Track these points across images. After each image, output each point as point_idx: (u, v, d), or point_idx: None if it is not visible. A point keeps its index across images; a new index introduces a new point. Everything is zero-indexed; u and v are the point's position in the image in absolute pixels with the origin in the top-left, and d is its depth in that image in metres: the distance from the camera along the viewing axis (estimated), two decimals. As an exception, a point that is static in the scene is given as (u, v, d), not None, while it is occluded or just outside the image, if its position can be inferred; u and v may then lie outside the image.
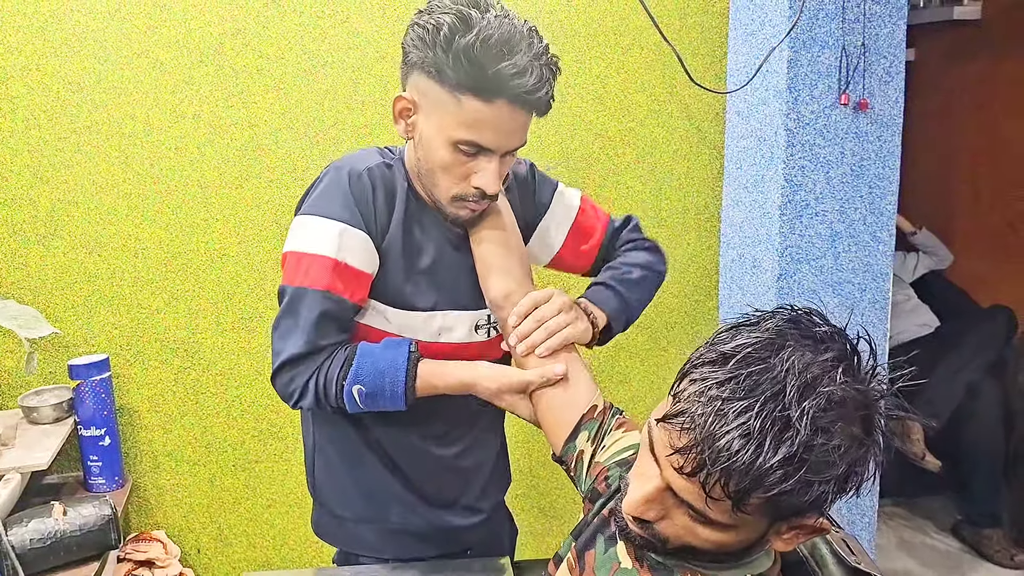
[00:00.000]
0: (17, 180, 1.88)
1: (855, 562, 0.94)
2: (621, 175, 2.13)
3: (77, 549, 1.59)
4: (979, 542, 2.59)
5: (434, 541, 1.32)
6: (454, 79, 1.04)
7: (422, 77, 1.08)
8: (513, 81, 1.03)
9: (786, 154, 1.90)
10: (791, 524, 0.78)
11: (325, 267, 1.10)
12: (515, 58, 1.03)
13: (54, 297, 1.93)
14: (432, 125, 1.09)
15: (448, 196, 1.14)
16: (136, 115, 1.90)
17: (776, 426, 0.69)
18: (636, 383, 2.25)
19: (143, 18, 1.86)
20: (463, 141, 1.08)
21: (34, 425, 1.83)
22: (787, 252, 1.94)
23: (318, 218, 1.13)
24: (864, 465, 0.74)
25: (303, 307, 1.11)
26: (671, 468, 0.75)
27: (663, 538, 0.81)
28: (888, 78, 1.92)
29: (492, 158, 1.10)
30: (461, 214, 1.16)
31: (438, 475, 1.30)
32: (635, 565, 0.87)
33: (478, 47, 1.01)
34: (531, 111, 1.10)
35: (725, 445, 0.70)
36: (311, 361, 1.12)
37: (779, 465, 0.69)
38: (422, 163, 1.14)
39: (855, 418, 0.73)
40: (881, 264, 2.01)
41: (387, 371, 1.11)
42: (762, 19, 1.93)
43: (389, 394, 1.12)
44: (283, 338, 1.13)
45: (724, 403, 0.71)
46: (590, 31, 2.04)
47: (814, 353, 0.73)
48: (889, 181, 1.98)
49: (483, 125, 1.06)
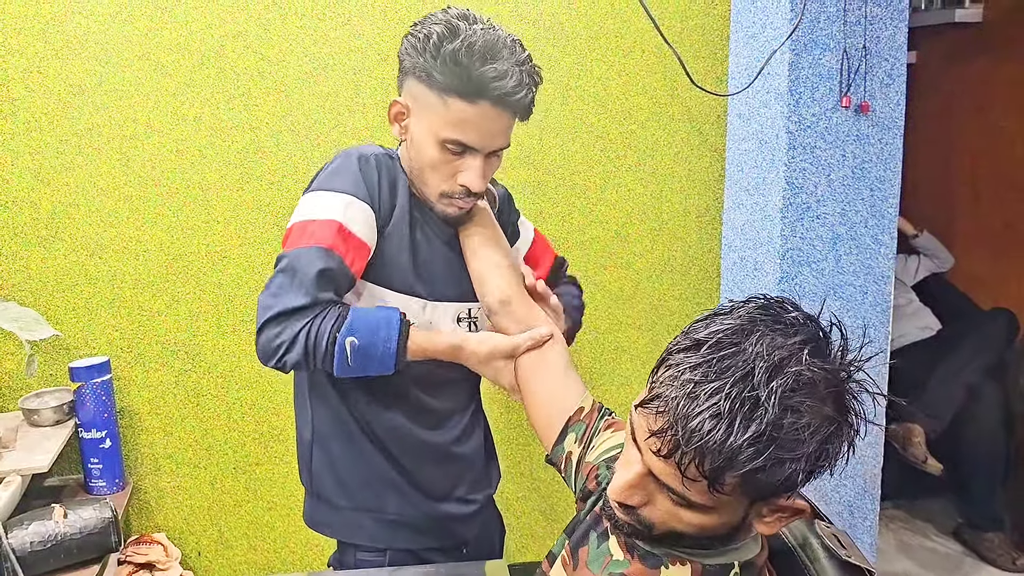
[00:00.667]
0: (18, 182, 1.88)
1: (846, 555, 0.94)
2: (622, 177, 2.13)
3: (78, 552, 1.58)
4: (980, 545, 2.58)
5: (431, 533, 1.36)
6: (442, 82, 1.14)
7: (414, 82, 1.18)
8: (494, 83, 1.13)
9: (787, 157, 1.89)
10: (771, 506, 0.80)
11: (330, 228, 1.14)
12: (497, 63, 1.13)
13: (55, 299, 1.93)
14: (422, 126, 1.19)
15: (437, 193, 1.22)
16: (137, 117, 1.90)
17: (745, 406, 0.72)
18: (637, 385, 2.25)
19: (144, 21, 1.86)
20: (449, 140, 1.17)
21: (35, 427, 1.83)
22: (788, 255, 1.94)
23: (326, 192, 1.18)
24: (835, 443, 0.77)
25: (302, 262, 1.13)
26: (650, 452, 0.78)
27: (648, 523, 0.83)
28: (889, 81, 1.92)
29: (477, 157, 1.19)
30: (449, 212, 1.24)
31: (434, 464, 1.34)
32: (626, 556, 0.89)
33: (463, 52, 1.11)
34: (513, 113, 1.19)
35: (697, 426, 0.73)
36: (305, 313, 1.13)
37: (749, 443, 0.72)
38: (414, 163, 1.23)
39: (825, 397, 0.75)
40: (883, 267, 2.01)
41: (381, 326, 1.15)
42: (763, 21, 1.93)
43: (381, 350, 1.14)
44: (276, 295, 1.14)
45: (696, 386, 0.74)
46: (591, 33, 2.04)
47: (784, 337, 0.76)
48: (891, 184, 1.97)
49: (467, 125, 1.15)
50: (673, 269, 2.20)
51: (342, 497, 1.33)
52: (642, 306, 2.20)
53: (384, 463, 1.31)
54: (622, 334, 2.21)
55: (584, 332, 2.20)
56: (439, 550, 1.38)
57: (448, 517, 1.37)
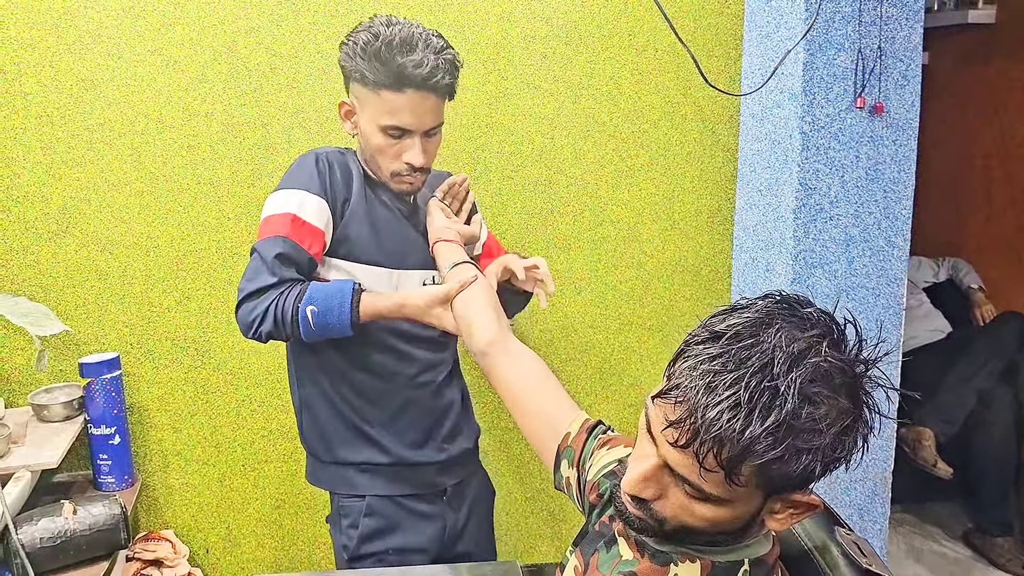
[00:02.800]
0: (29, 177, 1.88)
1: (866, 564, 0.93)
2: (634, 177, 2.12)
3: (87, 548, 1.59)
4: (990, 550, 2.57)
5: (406, 480, 1.53)
6: (373, 79, 1.35)
7: (355, 84, 1.39)
8: (414, 72, 1.33)
9: (801, 157, 1.88)
10: (784, 501, 0.80)
11: (284, 220, 1.37)
12: (414, 54, 1.33)
13: (65, 295, 1.92)
14: (366, 119, 1.40)
15: (388, 173, 1.43)
16: (149, 113, 1.89)
17: (764, 396, 0.73)
18: (647, 386, 2.24)
19: (156, 16, 1.86)
20: (388, 126, 1.38)
21: (44, 423, 1.83)
22: (801, 256, 1.93)
23: (283, 190, 1.40)
24: (850, 435, 0.77)
25: (265, 251, 1.36)
26: (666, 444, 0.79)
27: (660, 518, 0.83)
28: (904, 82, 1.91)
29: (414, 137, 1.40)
30: (403, 188, 1.46)
31: (404, 414, 1.52)
32: (636, 555, 0.89)
33: (384, 50, 1.33)
34: (437, 95, 1.39)
35: (716, 415, 0.73)
36: (272, 291, 1.35)
37: (768, 433, 0.72)
38: (366, 151, 1.44)
39: (840, 389, 0.76)
40: (896, 269, 2.00)
41: (336, 294, 1.35)
42: (778, 21, 1.91)
43: (337, 313, 1.34)
44: (249, 278, 1.37)
45: (715, 376, 0.75)
46: (604, 32, 2.03)
47: (801, 330, 0.77)
48: (904, 186, 1.96)
49: (400, 111, 1.36)
50: (684, 270, 2.19)
51: (326, 453, 1.53)
52: (653, 306, 2.20)
53: (358, 418, 1.50)
54: (632, 334, 2.20)
55: (594, 332, 2.21)
56: (415, 496, 1.54)
57: (421, 465, 1.54)
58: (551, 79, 2.03)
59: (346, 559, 1.53)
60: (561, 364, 2.18)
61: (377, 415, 1.50)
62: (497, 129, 2.03)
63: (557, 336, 2.17)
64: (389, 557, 1.52)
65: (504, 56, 2.00)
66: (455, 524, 1.60)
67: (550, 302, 2.14)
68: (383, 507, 1.52)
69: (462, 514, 1.61)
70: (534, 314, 2.14)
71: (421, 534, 1.54)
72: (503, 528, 2.24)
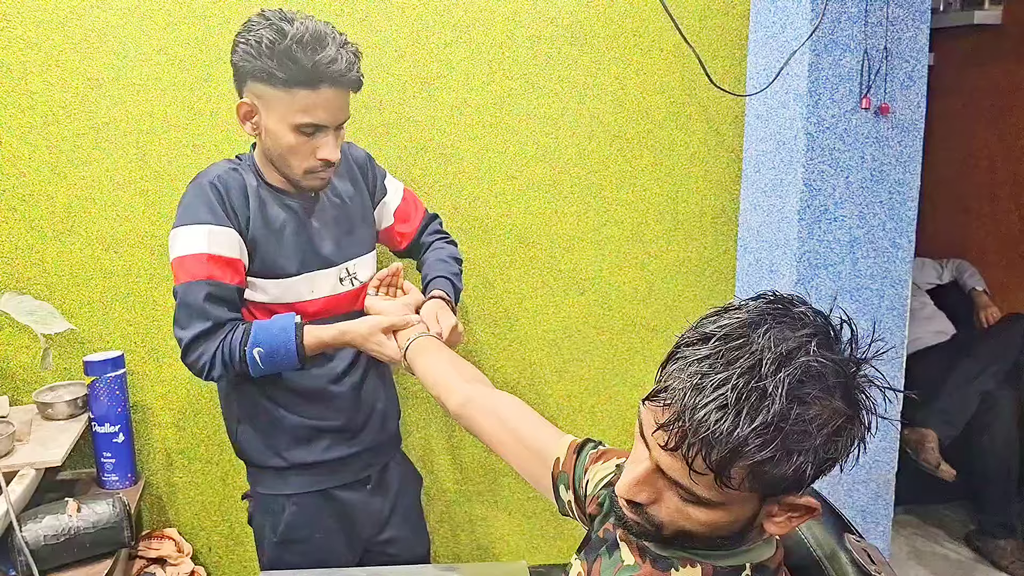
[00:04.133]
0: (35, 176, 1.88)
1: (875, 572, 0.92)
2: (638, 177, 2.12)
3: (91, 546, 1.59)
4: (992, 552, 2.56)
5: (338, 472, 1.58)
6: (283, 78, 1.32)
7: (256, 84, 1.35)
8: (329, 68, 1.32)
9: (806, 158, 1.88)
10: (781, 504, 0.79)
11: (200, 260, 1.37)
12: (326, 50, 1.31)
13: (70, 293, 1.93)
14: (274, 119, 1.36)
15: (301, 171, 1.41)
16: (154, 112, 1.90)
17: (752, 397, 0.72)
18: (650, 387, 2.23)
19: (162, 15, 1.86)
20: (303, 124, 1.35)
21: (48, 421, 1.83)
22: (805, 257, 1.93)
23: (188, 226, 1.39)
24: (843, 436, 0.76)
25: (190, 296, 1.38)
26: (657, 447, 0.78)
27: (657, 522, 0.83)
28: (910, 82, 1.91)
29: (328, 132, 1.39)
30: (315, 184, 1.45)
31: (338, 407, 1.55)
32: (637, 560, 0.89)
33: (295, 48, 1.29)
34: (348, 89, 1.39)
35: (704, 417, 0.73)
36: (213, 336, 1.38)
37: (756, 434, 0.71)
38: (272, 151, 1.41)
39: (833, 389, 0.75)
40: (900, 270, 1.99)
41: (279, 333, 1.38)
42: (783, 21, 1.91)
43: (284, 352, 1.38)
44: (183, 326, 1.39)
45: (703, 378, 0.74)
46: (609, 32, 2.03)
47: (792, 330, 0.76)
48: (910, 187, 1.96)
49: (315, 108, 1.35)
50: (688, 270, 2.19)
51: (262, 460, 1.57)
52: (656, 307, 2.19)
53: (290, 420, 1.53)
54: (636, 335, 2.20)
55: (598, 333, 2.21)
56: (341, 487, 1.59)
57: (351, 456, 1.58)
58: (556, 79, 2.03)
59: (275, 542, 1.58)
60: (564, 364, 2.18)
61: (309, 413, 1.54)
62: (502, 129, 2.03)
63: (561, 336, 2.17)
64: (318, 539, 1.58)
65: (509, 56, 2.00)
66: (380, 510, 1.65)
67: (548, 303, 2.14)
68: (309, 498, 1.57)
69: (387, 502, 1.66)
70: (538, 314, 2.14)
71: (347, 521, 1.61)
72: (507, 528, 2.25)
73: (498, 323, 2.12)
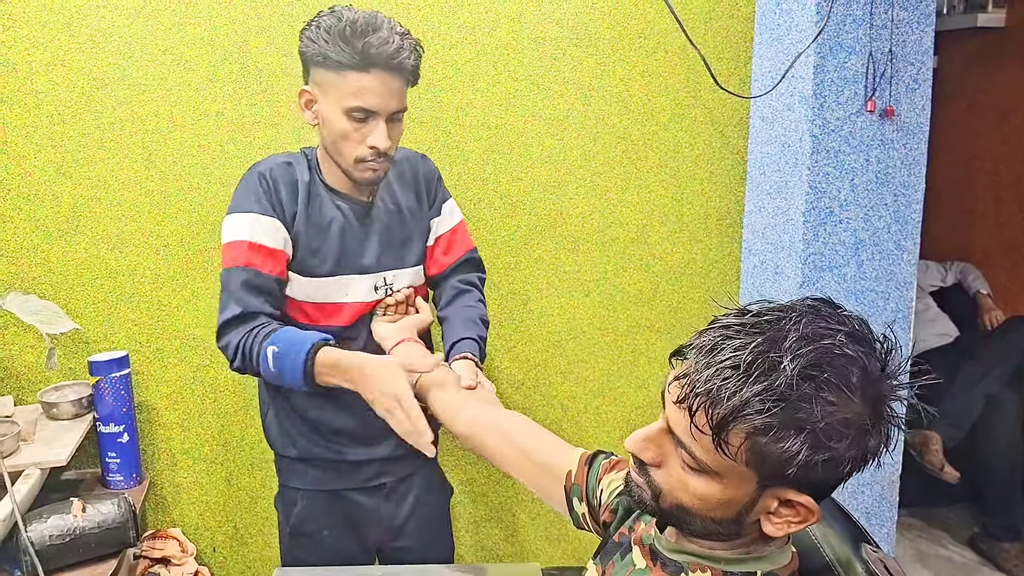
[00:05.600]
0: (40, 175, 1.88)
1: None
2: (643, 179, 2.12)
3: (96, 546, 1.59)
4: (996, 555, 2.56)
5: (350, 476, 1.58)
6: (336, 60, 1.33)
7: (316, 69, 1.37)
8: (379, 50, 1.32)
9: (811, 160, 1.88)
10: (780, 498, 0.79)
11: (242, 248, 1.40)
12: (379, 33, 1.32)
13: (75, 293, 1.93)
14: (329, 104, 1.38)
15: (352, 160, 1.40)
16: (160, 112, 1.90)
17: (765, 365, 0.74)
18: (655, 389, 2.24)
19: (168, 15, 1.86)
20: (353, 108, 1.35)
21: (53, 421, 1.83)
22: (810, 259, 1.93)
23: (235, 214, 1.43)
24: (852, 432, 0.75)
25: (231, 282, 1.40)
26: (670, 402, 0.81)
27: (657, 488, 0.84)
28: (915, 85, 1.91)
29: (379, 120, 1.37)
30: (367, 176, 1.43)
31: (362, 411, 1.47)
32: (648, 563, 0.90)
33: (348, 29, 1.31)
34: (402, 77, 1.37)
35: (714, 374, 0.75)
36: (242, 325, 1.38)
37: (760, 398, 0.73)
38: (327, 139, 1.42)
39: (854, 388, 0.75)
40: (905, 273, 1.99)
41: (298, 341, 1.35)
42: (788, 24, 1.91)
43: (292, 362, 1.33)
44: (221, 310, 1.41)
45: (725, 339, 0.77)
46: (614, 34, 2.03)
47: (826, 322, 0.78)
48: (915, 189, 1.96)
49: (365, 91, 1.34)
50: (693, 272, 2.19)
51: (285, 450, 1.59)
52: (661, 308, 2.19)
53: (313, 416, 1.54)
54: (640, 336, 2.20)
55: (602, 334, 2.21)
56: (355, 489, 1.60)
57: (366, 462, 1.58)
58: (561, 81, 2.03)
59: (288, 532, 1.61)
60: (569, 366, 2.18)
61: (329, 409, 1.53)
62: (507, 130, 2.03)
63: (565, 338, 2.17)
64: (326, 537, 1.58)
65: (514, 58, 2.00)
66: (393, 517, 1.63)
67: (553, 304, 2.14)
68: (320, 496, 1.59)
69: (403, 509, 1.64)
70: (542, 316, 2.14)
71: (357, 523, 1.61)
72: (520, 529, 2.25)
73: (503, 324, 2.12)
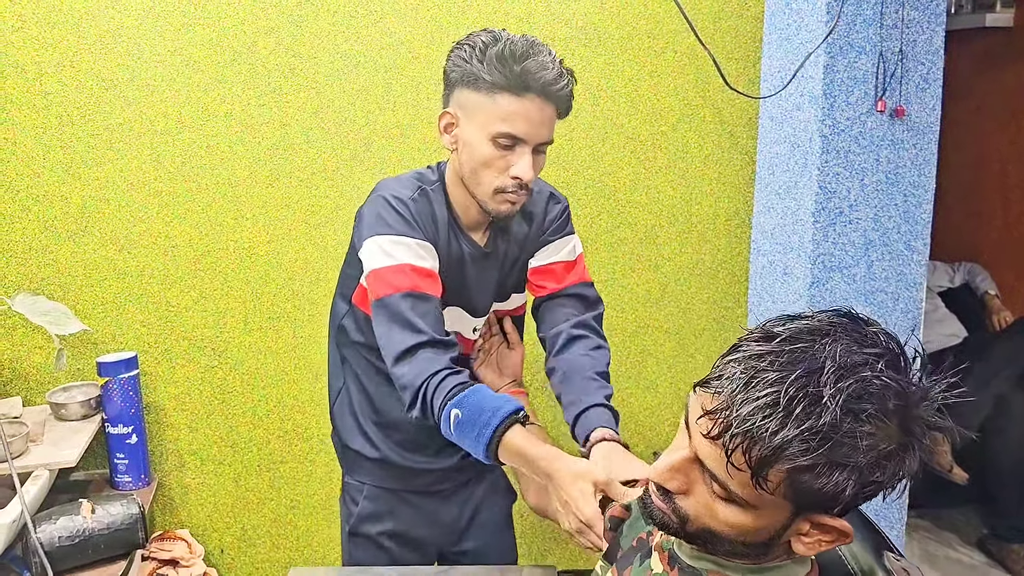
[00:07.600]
0: (49, 176, 1.88)
1: None
2: (652, 179, 2.11)
3: (104, 548, 1.59)
4: (1005, 557, 2.55)
5: (411, 480, 1.53)
6: (490, 81, 1.24)
7: (463, 91, 1.28)
8: (538, 75, 1.23)
9: (820, 160, 1.87)
10: (813, 521, 0.77)
11: (404, 272, 1.28)
12: (538, 58, 1.24)
13: (84, 294, 1.93)
14: (473, 128, 1.28)
15: (491, 190, 1.30)
16: (168, 113, 1.90)
17: (805, 400, 0.70)
18: (663, 390, 2.23)
19: (177, 16, 1.86)
20: (501, 134, 1.25)
21: (62, 421, 1.83)
22: (819, 260, 1.92)
23: (388, 236, 1.30)
24: (892, 462, 0.73)
25: (397, 308, 1.27)
26: (699, 435, 0.77)
27: (684, 515, 0.81)
28: (925, 85, 1.90)
29: (525, 149, 1.27)
30: (503, 209, 1.32)
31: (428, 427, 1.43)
32: (666, 569, 0.88)
33: (507, 51, 1.23)
34: (555, 106, 1.28)
35: (752, 411, 0.71)
36: (414, 356, 1.25)
37: (802, 439, 0.70)
38: (465, 167, 1.31)
39: (891, 414, 0.72)
40: (915, 273, 1.98)
41: (485, 411, 1.19)
42: (798, 24, 1.91)
43: (475, 437, 1.19)
44: (387, 344, 1.27)
45: (758, 373, 0.73)
46: (623, 34, 2.02)
47: (860, 346, 0.74)
48: (924, 189, 1.95)
49: (516, 117, 1.25)
50: (702, 272, 2.18)
51: (349, 439, 1.52)
52: (669, 309, 2.19)
53: (379, 416, 1.48)
54: (649, 337, 2.20)
55: (611, 335, 2.18)
56: (413, 492, 1.54)
57: (426, 470, 1.51)
58: (569, 81, 2.03)
59: (347, 531, 1.56)
60: (577, 366, 2.18)
61: (396, 417, 1.47)
62: (515, 131, 2.03)
63: (573, 338, 2.16)
64: (386, 541, 1.53)
65: (523, 58, 1.99)
66: (456, 520, 1.58)
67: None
68: (381, 494, 1.53)
69: (466, 512, 1.60)
70: (550, 316, 2.13)
71: (418, 526, 1.55)
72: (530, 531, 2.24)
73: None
